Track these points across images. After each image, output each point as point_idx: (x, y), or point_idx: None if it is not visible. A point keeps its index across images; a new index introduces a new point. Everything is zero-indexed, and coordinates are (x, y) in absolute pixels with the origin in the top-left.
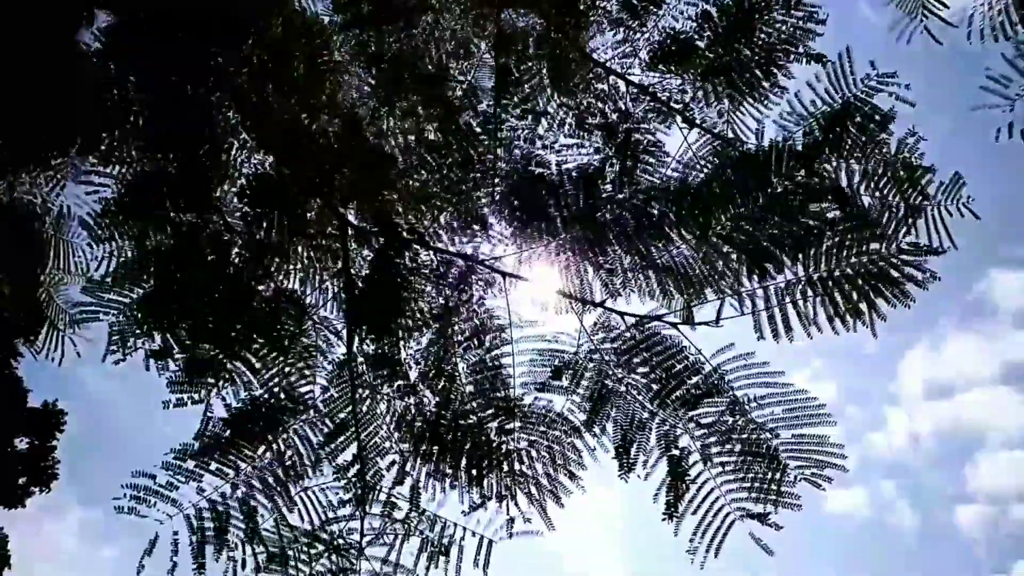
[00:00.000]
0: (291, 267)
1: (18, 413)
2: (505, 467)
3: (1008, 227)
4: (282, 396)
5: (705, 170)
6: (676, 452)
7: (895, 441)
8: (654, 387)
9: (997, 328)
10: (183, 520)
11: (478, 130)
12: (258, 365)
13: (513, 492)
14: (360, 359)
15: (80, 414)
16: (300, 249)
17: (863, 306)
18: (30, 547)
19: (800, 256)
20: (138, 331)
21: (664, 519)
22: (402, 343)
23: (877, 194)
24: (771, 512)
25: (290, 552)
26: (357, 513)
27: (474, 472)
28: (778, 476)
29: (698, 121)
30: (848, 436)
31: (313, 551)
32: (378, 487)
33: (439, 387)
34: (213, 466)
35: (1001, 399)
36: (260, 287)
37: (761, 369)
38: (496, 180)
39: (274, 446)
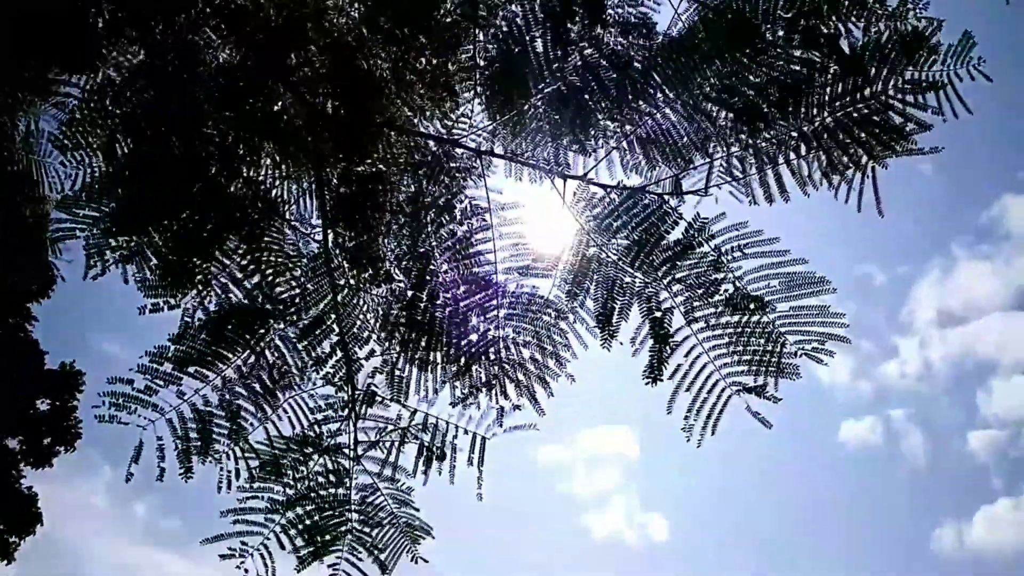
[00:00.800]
0: (262, 165)
1: (37, 375)
2: (491, 355)
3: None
4: (260, 298)
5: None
6: (658, 314)
7: (908, 370)
8: (635, 249)
9: (1011, 253)
10: (166, 425)
11: None
12: (237, 273)
13: (501, 381)
14: (337, 252)
15: (99, 377)
16: (271, 146)
17: (862, 157)
18: (61, 506)
19: (791, 109)
20: (112, 243)
21: (647, 383)
22: (381, 238)
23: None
24: (768, 384)
25: (282, 460)
26: (348, 417)
27: (461, 361)
28: (776, 350)
29: None
30: (860, 368)
31: (304, 455)
32: (364, 385)
33: (414, 269)
34: (192, 369)
35: (1015, 324)
36: (231, 187)
37: (756, 238)
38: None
39: (257, 350)
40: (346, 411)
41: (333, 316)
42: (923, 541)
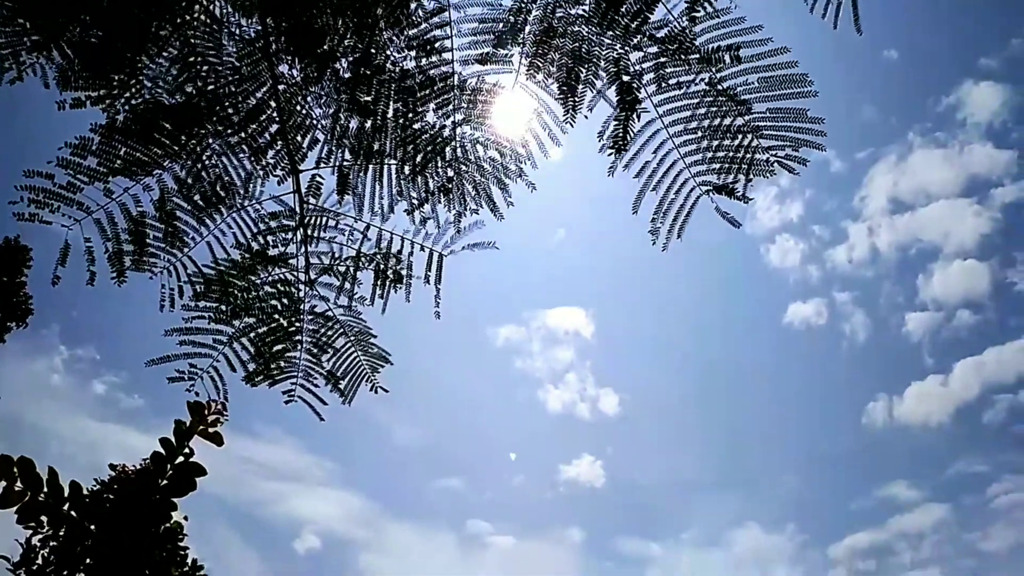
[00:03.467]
0: None
1: None
2: (447, 154)
3: (986, 36)
4: (193, 92)
5: None
6: (626, 78)
7: (856, 255)
8: (603, 7)
9: (964, 140)
10: (93, 226)
11: None
12: (167, 65)
13: (458, 183)
14: (275, 37)
15: (49, 254)
16: None
17: None
18: (21, 386)
19: None
20: (27, 40)
21: (611, 155)
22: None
23: None
24: (739, 182)
25: (229, 278)
26: (297, 229)
27: (417, 160)
28: (749, 149)
29: None
30: (811, 253)
31: (252, 268)
32: (310, 180)
33: (359, 44)
34: (120, 164)
35: (960, 211)
36: None
37: (737, 27)
38: None
39: (194, 156)
40: (295, 223)
41: (273, 105)
42: (856, 414)
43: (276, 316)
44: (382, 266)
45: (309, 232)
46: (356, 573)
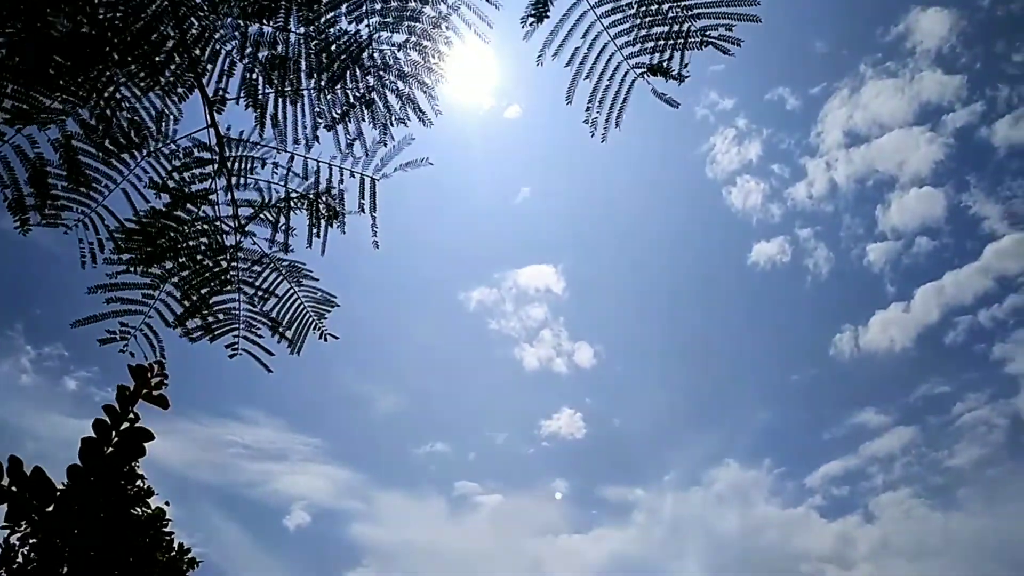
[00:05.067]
0: None
1: None
2: (365, 61)
3: None
4: (85, 22)
5: None
6: None
7: (815, 191)
8: None
9: (915, 68)
10: None
11: None
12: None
13: (380, 92)
14: None
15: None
16: None
17: None
18: None
19: None
20: None
21: (532, 23)
22: None
23: None
24: (672, 61)
25: (150, 228)
26: (220, 167)
27: (334, 67)
28: (682, 31)
29: None
30: (772, 192)
31: (171, 208)
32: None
33: None
34: (8, 103)
35: (914, 139)
36: None
37: None
38: None
39: (102, 98)
40: (212, 157)
41: (167, 21)
42: (824, 346)
43: (199, 257)
44: (315, 203)
45: (231, 168)
46: (348, 544)
